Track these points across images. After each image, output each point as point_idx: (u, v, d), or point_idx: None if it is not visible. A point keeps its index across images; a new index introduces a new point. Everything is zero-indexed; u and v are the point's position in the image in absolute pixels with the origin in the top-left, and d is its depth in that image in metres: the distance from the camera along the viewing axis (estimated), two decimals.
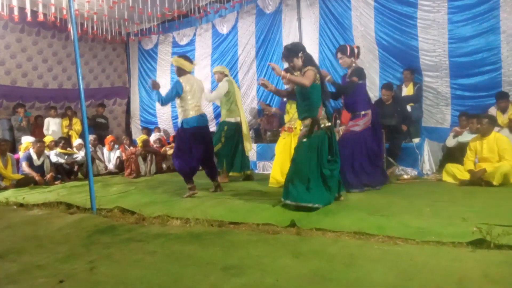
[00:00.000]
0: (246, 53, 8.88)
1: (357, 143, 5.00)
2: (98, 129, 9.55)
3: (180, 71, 5.05)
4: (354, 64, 5.12)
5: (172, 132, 10.13)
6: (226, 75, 6.36)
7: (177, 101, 5.02)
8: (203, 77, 9.29)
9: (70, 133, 9.20)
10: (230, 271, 2.38)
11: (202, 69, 9.55)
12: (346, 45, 5.30)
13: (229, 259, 2.60)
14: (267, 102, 8.25)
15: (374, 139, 5.20)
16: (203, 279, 2.29)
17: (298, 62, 4.12)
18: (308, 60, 4.13)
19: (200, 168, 5.36)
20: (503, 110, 5.85)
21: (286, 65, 4.90)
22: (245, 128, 6.23)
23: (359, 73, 5.07)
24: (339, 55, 5.16)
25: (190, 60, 5.11)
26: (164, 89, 5.71)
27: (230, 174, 6.32)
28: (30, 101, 9.15)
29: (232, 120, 6.24)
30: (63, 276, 2.44)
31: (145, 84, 10.61)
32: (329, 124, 4.12)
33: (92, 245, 3.12)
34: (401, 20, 6.70)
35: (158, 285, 2.25)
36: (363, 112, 5.08)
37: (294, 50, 4.14)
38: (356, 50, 5.13)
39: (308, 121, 4.08)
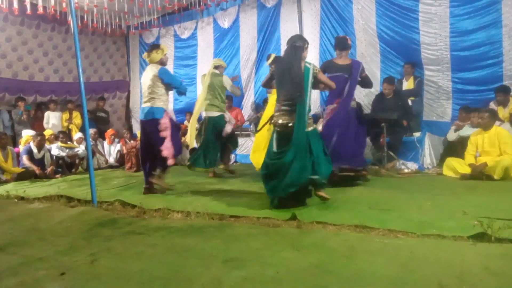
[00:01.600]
0: (247, 47, 8.84)
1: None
2: (99, 123, 9.53)
3: None
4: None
5: None
6: (215, 67, 6.24)
7: None
8: (206, 71, 9.23)
9: (70, 127, 9.19)
10: (230, 264, 2.38)
11: (205, 62, 9.51)
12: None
13: (230, 252, 2.61)
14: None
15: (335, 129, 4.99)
16: (204, 271, 2.29)
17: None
18: None
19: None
20: (503, 104, 5.84)
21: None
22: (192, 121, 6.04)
23: (322, 67, 5.07)
24: None
25: (150, 50, 4.99)
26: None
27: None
28: (31, 94, 9.12)
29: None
30: (64, 269, 2.44)
31: None
32: (278, 121, 3.97)
33: (93, 238, 3.13)
34: (403, 13, 6.66)
35: (159, 278, 2.25)
36: (325, 107, 5.21)
37: None
38: (335, 41, 5.19)
39: None
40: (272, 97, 5.43)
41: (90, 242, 3.03)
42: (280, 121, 3.92)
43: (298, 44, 3.97)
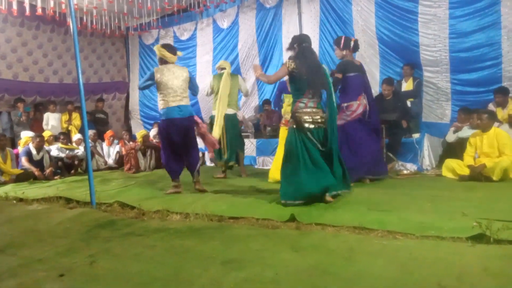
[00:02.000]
0: (247, 48, 8.84)
1: (340, 137, 4.64)
2: (98, 124, 9.53)
3: (161, 61, 4.99)
4: (345, 57, 5.19)
5: None
6: (223, 69, 6.29)
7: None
8: (205, 72, 9.25)
9: (69, 128, 9.18)
10: (229, 265, 2.38)
11: (204, 63, 9.52)
12: (341, 36, 5.40)
13: (229, 253, 2.60)
14: (268, 98, 8.33)
15: (362, 132, 5.10)
16: (203, 272, 2.29)
17: (293, 54, 4.19)
18: (295, 53, 4.17)
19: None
20: (501, 105, 5.84)
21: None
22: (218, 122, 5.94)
23: (340, 67, 5.11)
24: (334, 46, 5.36)
25: (173, 51, 4.98)
26: None
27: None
28: (32, 95, 9.11)
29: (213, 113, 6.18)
30: (63, 270, 2.44)
31: None
32: (310, 118, 3.96)
33: (92, 239, 3.13)
34: (402, 15, 6.67)
35: (158, 279, 2.25)
36: (345, 104, 5.11)
37: (292, 41, 4.21)
38: (352, 43, 5.16)
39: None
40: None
41: (89, 243, 3.03)
42: (317, 118, 3.98)
43: (310, 44, 4.21)
